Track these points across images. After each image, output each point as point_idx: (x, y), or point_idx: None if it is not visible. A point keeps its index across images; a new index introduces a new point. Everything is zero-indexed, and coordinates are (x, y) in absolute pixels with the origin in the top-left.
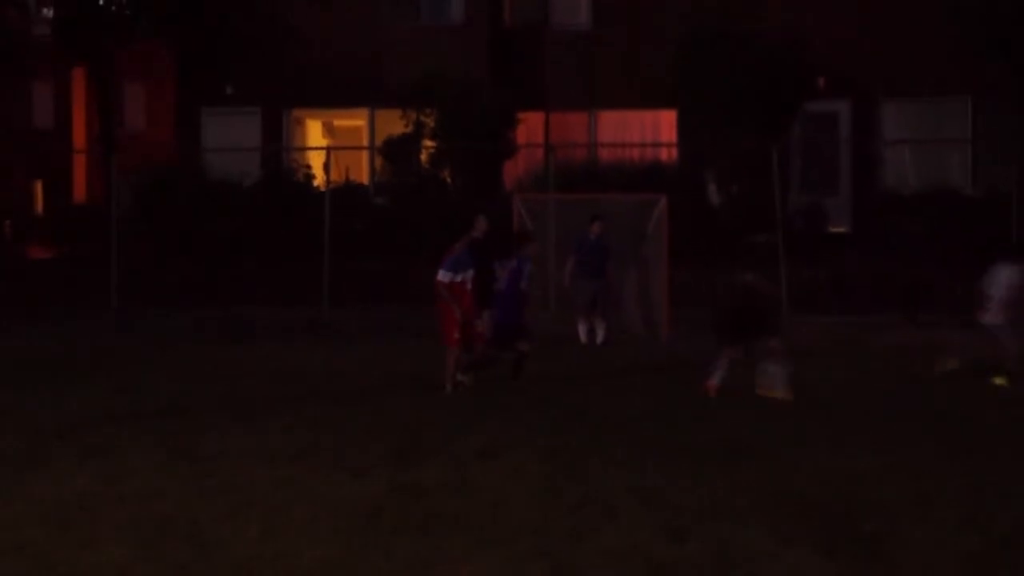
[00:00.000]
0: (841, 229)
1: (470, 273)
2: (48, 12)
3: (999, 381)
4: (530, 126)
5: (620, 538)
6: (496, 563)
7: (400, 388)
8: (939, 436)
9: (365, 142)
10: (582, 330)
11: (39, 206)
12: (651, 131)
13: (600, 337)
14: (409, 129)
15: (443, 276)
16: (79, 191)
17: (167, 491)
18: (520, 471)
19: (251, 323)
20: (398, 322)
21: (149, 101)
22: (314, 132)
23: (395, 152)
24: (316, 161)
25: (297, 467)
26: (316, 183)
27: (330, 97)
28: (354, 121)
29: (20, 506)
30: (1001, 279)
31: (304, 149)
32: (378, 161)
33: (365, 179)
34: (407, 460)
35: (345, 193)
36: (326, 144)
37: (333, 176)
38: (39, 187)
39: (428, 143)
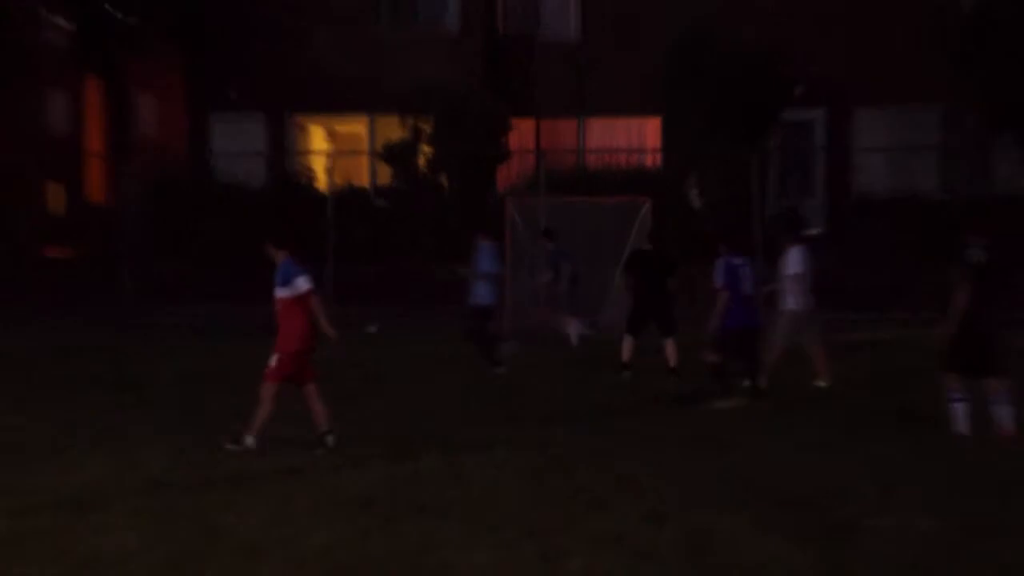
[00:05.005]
0: (816, 230)
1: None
2: (63, 23)
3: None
4: (522, 132)
5: (604, 525)
6: (487, 548)
7: (400, 381)
8: (906, 430)
9: (365, 147)
10: (572, 332)
11: (53, 207)
12: (637, 137)
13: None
14: (407, 135)
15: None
16: (95, 193)
17: (176, 480)
18: (511, 462)
19: (256, 319)
20: (397, 319)
21: (159, 107)
22: (316, 136)
23: (394, 156)
24: (319, 165)
25: (301, 457)
26: (319, 186)
27: (332, 103)
28: (355, 126)
29: (38, 493)
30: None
31: (308, 154)
32: (378, 165)
33: (366, 182)
34: (404, 450)
35: (347, 196)
36: (328, 148)
37: (335, 179)
38: (53, 189)
39: (426, 148)
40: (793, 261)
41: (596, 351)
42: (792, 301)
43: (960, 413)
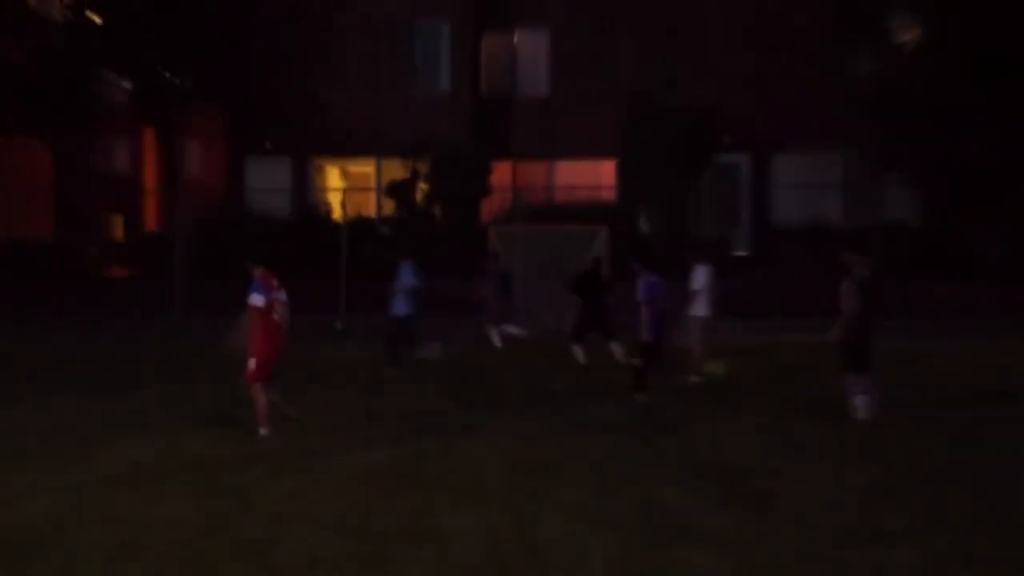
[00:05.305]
0: (742, 253)
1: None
2: (127, 84)
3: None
4: (501, 173)
5: (568, 495)
6: (472, 515)
7: (403, 377)
8: (820, 415)
9: (373, 184)
10: (504, 332)
11: (115, 234)
12: (595, 176)
13: (498, 339)
14: (408, 175)
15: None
16: (150, 223)
17: (215, 460)
18: (494, 443)
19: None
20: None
21: (204, 152)
22: (333, 176)
23: (396, 192)
24: (335, 199)
25: (320, 439)
26: (334, 216)
27: (345, 149)
28: (364, 168)
29: (99, 471)
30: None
31: (325, 190)
32: (384, 199)
33: (373, 213)
34: (405, 433)
35: (356, 224)
36: (342, 186)
37: (348, 211)
38: (115, 220)
39: (422, 185)
40: (700, 277)
41: (561, 350)
42: (700, 309)
43: (862, 404)
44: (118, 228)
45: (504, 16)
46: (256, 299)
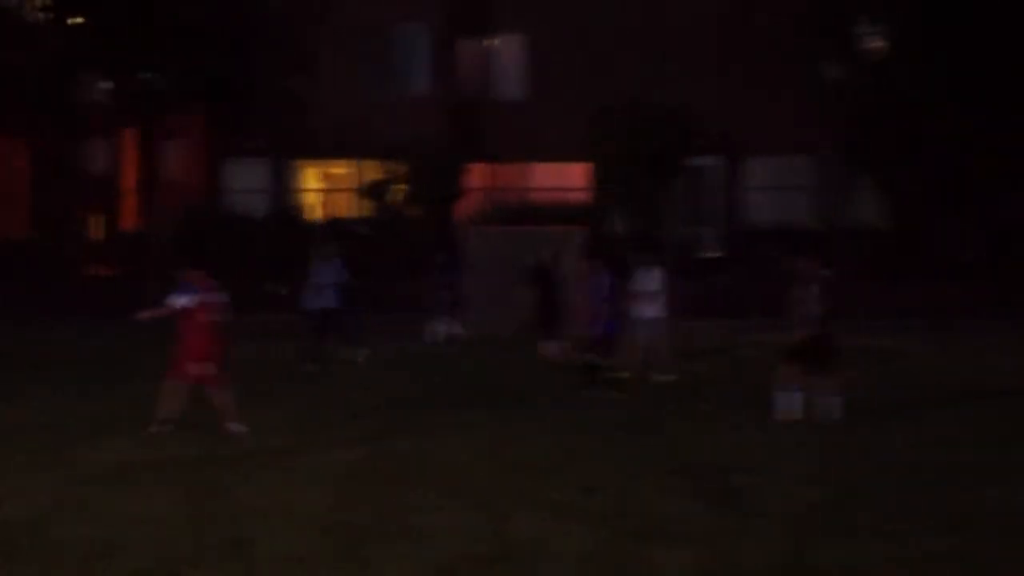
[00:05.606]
0: (717, 254)
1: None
2: (106, 84)
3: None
4: (477, 174)
5: (544, 491)
6: (447, 511)
7: (384, 375)
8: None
9: (352, 185)
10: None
11: (94, 234)
12: (570, 178)
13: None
14: (386, 176)
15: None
16: (128, 222)
17: (192, 457)
18: (470, 442)
19: (260, 324)
20: (378, 326)
21: (183, 153)
22: (311, 177)
23: (373, 193)
24: (313, 200)
25: (306, 436)
26: (307, 216)
27: (324, 151)
28: (343, 170)
29: (81, 468)
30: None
31: (303, 191)
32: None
33: (353, 213)
34: (385, 433)
35: (332, 224)
36: (320, 187)
37: (325, 211)
38: (94, 220)
39: (400, 187)
40: (653, 280)
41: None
42: (651, 311)
43: (797, 402)
44: (98, 228)
45: (482, 21)
46: (180, 300)
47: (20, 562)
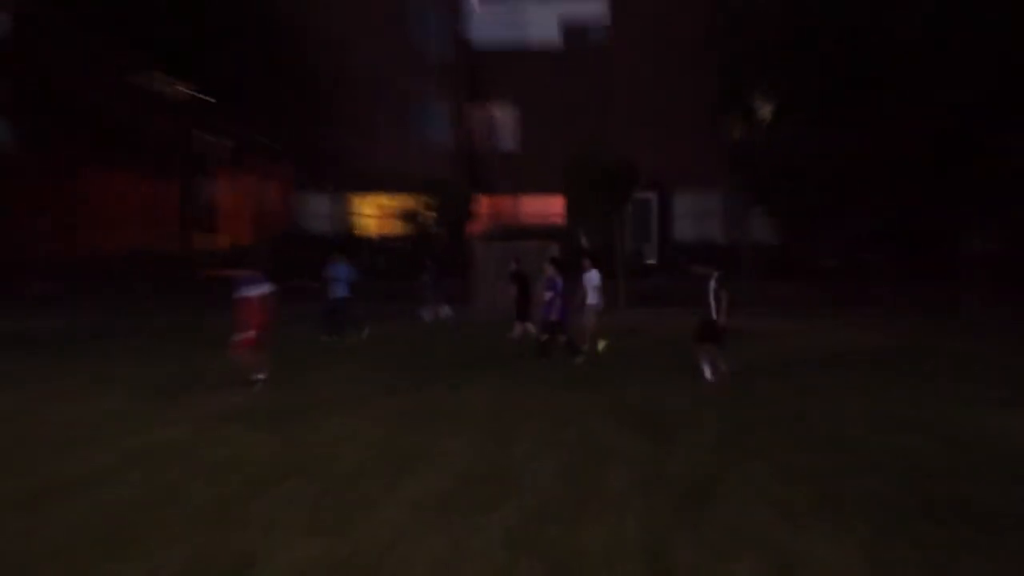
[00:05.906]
0: (652, 261)
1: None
2: (228, 142)
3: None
4: (483, 203)
5: (531, 426)
6: (465, 440)
7: (416, 349)
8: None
9: (393, 211)
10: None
11: (217, 246)
12: (549, 207)
13: (428, 316)
14: (418, 205)
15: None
16: (242, 239)
17: (259, 409)
18: (480, 392)
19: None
20: (410, 312)
21: (276, 189)
22: (363, 205)
23: (409, 218)
24: (364, 222)
25: (361, 387)
26: (359, 234)
27: (372, 186)
28: (387, 200)
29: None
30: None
31: (356, 215)
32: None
33: (392, 232)
34: (420, 386)
35: (378, 240)
36: (370, 213)
37: (374, 231)
38: (224, 237)
39: (428, 213)
40: (595, 277)
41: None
42: (595, 301)
43: (708, 367)
44: (224, 242)
45: (485, 93)
46: (251, 290)
47: (175, 473)
